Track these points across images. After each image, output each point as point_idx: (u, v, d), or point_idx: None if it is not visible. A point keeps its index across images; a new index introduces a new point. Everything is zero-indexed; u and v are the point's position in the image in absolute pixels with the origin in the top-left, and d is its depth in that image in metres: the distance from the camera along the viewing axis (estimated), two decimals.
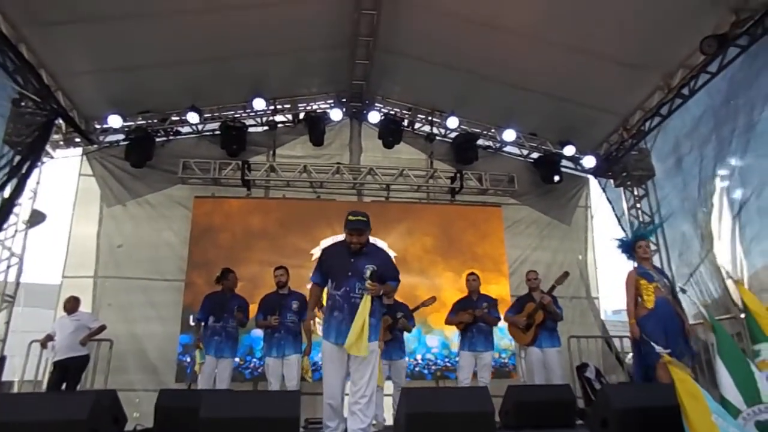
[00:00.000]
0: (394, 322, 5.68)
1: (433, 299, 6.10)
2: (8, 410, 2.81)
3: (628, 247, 4.94)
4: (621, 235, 8.35)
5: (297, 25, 6.82)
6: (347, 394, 3.76)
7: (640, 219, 8.60)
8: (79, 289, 7.12)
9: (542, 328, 5.71)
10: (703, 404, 2.72)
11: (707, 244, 6.78)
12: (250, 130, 8.57)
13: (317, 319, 4.62)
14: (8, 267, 7.23)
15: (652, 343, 3.62)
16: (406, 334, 5.98)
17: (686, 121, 7.04)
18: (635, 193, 8.81)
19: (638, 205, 8.71)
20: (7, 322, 7.08)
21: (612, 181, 8.97)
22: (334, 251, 3.97)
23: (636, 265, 4.83)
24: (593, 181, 9.35)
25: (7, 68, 6.06)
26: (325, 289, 3.96)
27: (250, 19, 6.58)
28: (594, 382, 7.14)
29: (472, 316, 5.77)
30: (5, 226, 6.75)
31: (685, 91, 6.74)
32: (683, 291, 4.48)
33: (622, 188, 8.95)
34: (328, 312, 3.77)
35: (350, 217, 3.81)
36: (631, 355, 8.15)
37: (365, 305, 3.51)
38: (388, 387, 5.83)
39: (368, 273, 3.64)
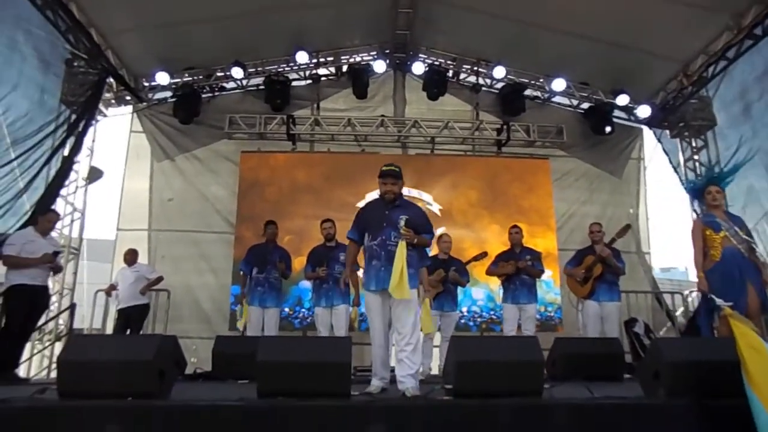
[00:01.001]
0: (446, 275, 5.71)
1: (485, 254, 6.05)
2: (82, 350, 3.02)
3: (698, 192, 4.60)
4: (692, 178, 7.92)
5: None
6: (394, 345, 3.86)
7: (698, 171, 8.19)
8: (134, 242, 7.46)
9: (600, 282, 5.57)
10: (766, 358, 2.63)
11: None
12: (294, 84, 8.57)
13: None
14: (72, 222, 7.63)
15: (712, 297, 3.48)
16: (459, 288, 5.97)
17: (756, 65, 6.54)
18: (693, 144, 8.37)
19: (696, 157, 8.30)
20: (75, 273, 7.53)
21: (668, 131, 8.54)
22: (370, 207, 4.09)
23: (702, 213, 4.55)
24: (647, 132, 8.93)
25: (59, 28, 6.22)
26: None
27: None
28: (642, 338, 7.03)
29: (515, 267, 5.73)
30: (67, 182, 7.08)
31: (758, 30, 6.23)
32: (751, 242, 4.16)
33: (678, 139, 8.52)
34: (366, 263, 3.85)
35: (383, 168, 3.89)
36: (681, 313, 7.99)
37: (401, 251, 3.58)
38: (437, 338, 5.92)
39: (402, 222, 3.70)
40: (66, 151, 6.66)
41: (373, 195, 7.82)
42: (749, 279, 4.04)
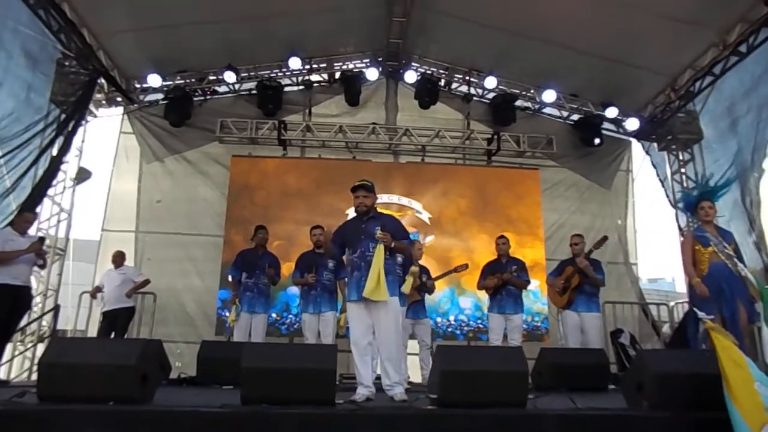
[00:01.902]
0: (422, 284, 5.72)
1: (466, 266, 6.07)
2: (64, 353, 2.99)
3: (691, 206, 4.70)
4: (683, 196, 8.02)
5: None
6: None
7: (685, 184, 8.29)
8: (119, 243, 7.37)
9: (578, 292, 5.62)
10: (746, 372, 2.65)
11: (756, 210, 6.50)
12: (286, 89, 8.57)
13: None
14: (58, 222, 7.55)
15: (694, 309, 3.53)
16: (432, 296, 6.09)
17: (744, 81, 6.64)
18: (680, 157, 8.48)
19: (683, 170, 8.40)
20: (60, 274, 7.44)
21: (656, 144, 8.64)
22: (347, 223, 4.24)
23: (695, 227, 4.63)
24: (636, 145, 9.04)
25: (52, 27, 6.19)
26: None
27: None
28: (628, 348, 7.07)
29: (500, 280, 5.76)
30: (54, 182, 7.01)
31: (743, 48, 6.35)
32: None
33: (666, 152, 8.63)
34: (349, 275, 3.99)
35: (356, 182, 4.07)
36: (667, 325, 8.06)
37: (379, 254, 3.70)
38: (413, 346, 5.93)
39: (378, 230, 3.79)
40: (54, 151, 6.59)
41: None
42: (737, 294, 4.10)
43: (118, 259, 6.70)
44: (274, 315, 7.18)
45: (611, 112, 8.42)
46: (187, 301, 7.78)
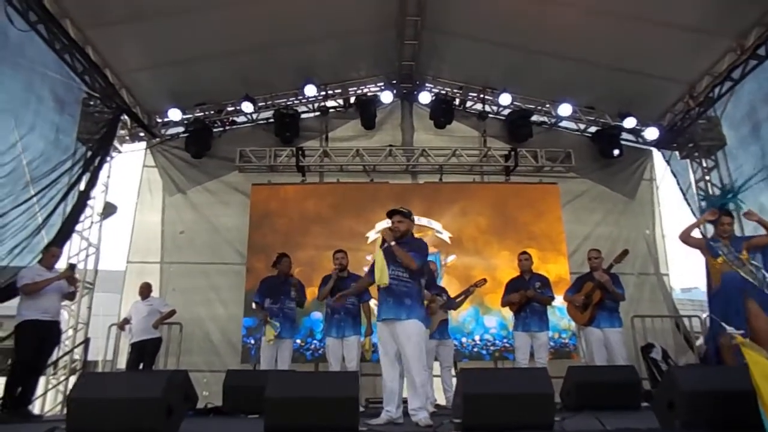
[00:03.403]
0: (447, 300, 5.74)
1: (484, 281, 6.02)
2: (91, 388, 3.05)
3: (713, 222, 4.70)
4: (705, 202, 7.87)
5: (343, 8, 6.84)
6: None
7: (710, 192, 8.11)
8: (144, 274, 7.52)
9: (600, 308, 5.51)
10: None
11: None
12: (303, 116, 8.72)
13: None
14: (87, 256, 7.75)
15: (722, 324, 3.44)
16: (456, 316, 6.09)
17: (763, 85, 6.53)
18: (704, 164, 8.31)
19: (707, 178, 8.23)
20: (89, 308, 7.61)
21: (677, 152, 8.50)
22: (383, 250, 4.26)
23: (711, 237, 4.58)
24: (657, 153, 8.90)
25: (76, 69, 6.44)
26: None
27: (298, 5, 6.65)
28: (660, 363, 6.89)
29: (523, 296, 5.69)
30: (82, 218, 7.22)
31: (762, 51, 6.24)
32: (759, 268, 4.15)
33: (688, 160, 8.47)
34: (380, 297, 4.07)
35: (393, 208, 4.26)
36: (702, 338, 7.82)
37: (377, 243, 4.03)
38: (437, 368, 5.89)
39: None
40: (82, 186, 6.80)
41: (382, 224, 7.91)
42: (754, 298, 4.01)
43: (145, 290, 6.83)
44: (298, 341, 7.18)
45: (629, 123, 8.34)
46: (212, 330, 7.85)
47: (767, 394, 2.57)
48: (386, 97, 8.52)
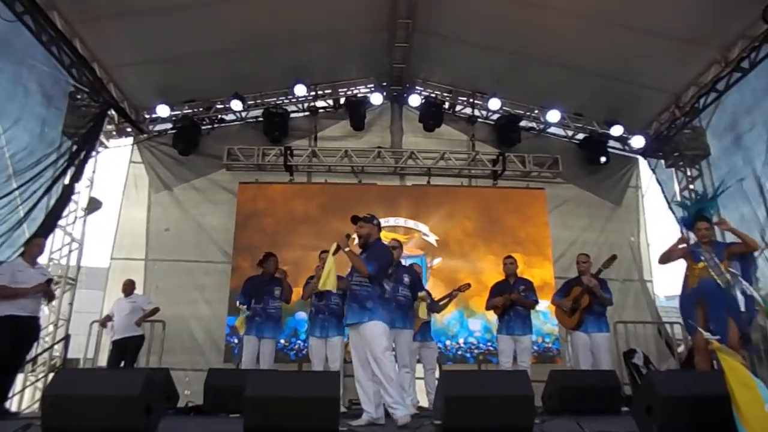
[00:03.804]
0: (431, 303, 5.77)
1: (468, 285, 6.05)
2: (68, 385, 3.01)
3: (689, 225, 4.75)
4: (681, 209, 7.95)
5: (335, 9, 6.84)
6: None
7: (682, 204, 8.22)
8: (128, 271, 7.45)
9: (588, 313, 5.57)
10: (756, 394, 2.59)
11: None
12: (292, 116, 8.71)
13: None
14: (69, 252, 7.65)
15: (700, 329, 3.49)
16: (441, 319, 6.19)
17: (746, 96, 6.64)
18: (688, 173, 8.42)
19: (691, 186, 8.34)
20: (71, 304, 7.50)
21: (663, 161, 8.61)
22: None
23: (693, 242, 4.63)
24: (643, 161, 9.00)
25: (64, 63, 6.37)
26: None
27: (290, 5, 6.64)
28: (642, 369, 6.95)
29: (507, 300, 5.73)
30: (66, 212, 7.13)
31: (745, 64, 6.36)
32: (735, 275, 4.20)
33: (673, 169, 8.59)
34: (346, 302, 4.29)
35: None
36: (683, 345, 7.91)
37: (332, 249, 4.18)
38: (420, 370, 5.91)
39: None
40: (66, 180, 6.71)
41: None
42: (727, 311, 4.05)
43: (128, 287, 6.76)
44: (282, 341, 7.16)
45: (616, 131, 8.43)
46: (195, 329, 7.79)
47: (741, 399, 2.61)
48: (376, 98, 8.53)
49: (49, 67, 6.34)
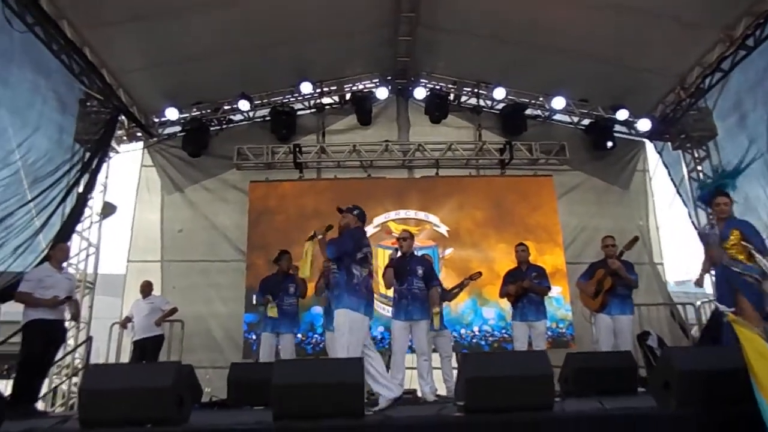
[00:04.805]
0: (442, 292, 5.82)
1: (479, 274, 6.11)
2: (101, 379, 3.11)
3: (707, 200, 4.63)
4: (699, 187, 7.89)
5: (339, 5, 6.89)
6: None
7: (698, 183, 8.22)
8: (144, 273, 7.57)
9: (611, 295, 5.58)
10: None
11: None
12: (299, 113, 8.79)
13: None
14: (87, 256, 7.78)
15: (715, 303, 3.53)
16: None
17: (749, 76, 6.63)
18: (695, 155, 8.42)
19: (699, 168, 8.33)
20: (90, 307, 7.64)
21: (669, 143, 8.61)
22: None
23: (708, 223, 4.61)
24: (650, 145, 9.01)
25: (74, 70, 6.47)
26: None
27: (292, 3, 6.70)
28: (656, 350, 6.97)
29: (520, 287, 5.79)
30: (81, 218, 7.25)
31: (750, 42, 6.34)
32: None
33: (680, 151, 8.58)
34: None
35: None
36: (696, 327, 7.92)
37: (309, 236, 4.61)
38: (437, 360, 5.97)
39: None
40: (81, 188, 6.84)
41: (380, 219, 8.01)
42: (741, 292, 4.03)
43: (146, 288, 6.89)
44: (299, 335, 7.25)
45: (622, 115, 8.44)
46: (213, 327, 7.91)
47: (759, 369, 2.66)
48: (381, 93, 8.59)
49: (63, 74, 6.46)
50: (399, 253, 5.26)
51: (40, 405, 6.02)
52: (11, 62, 5.52)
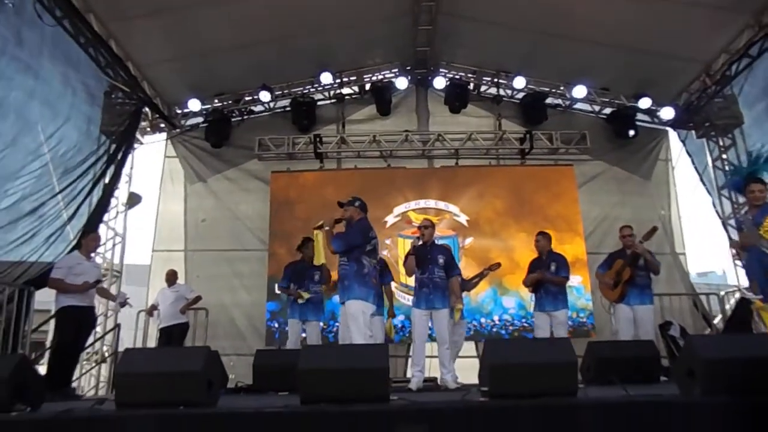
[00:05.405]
0: (462, 282, 5.85)
1: (498, 265, 6.16)
2: (135, 362, 3.21)
3: (740, 187, 4.55)
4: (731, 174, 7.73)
5: None
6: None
7: (727, 171, 8.09)
8: (168, 263, 7.75)
9: (631, 285, 5.55)
10: None
11: None
12: (319, 104, 8.84)
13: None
14: (113, 246, 7.97)
15: (742, 289, 3.51)
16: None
17: None
18: (720, 143, 8.27)
19: (724, 156, 8.20)
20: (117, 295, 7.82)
21: (693, 132, 8.48)
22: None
23: (744, 210, 4.54)
24: (673, 133, 8.88)
25: (100, 63, 6.60)
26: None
27: None
28: (679, 340, 6.92)
29: (534, 279, 5.81)
30: (108, 209, 7.42)
31: None
32: None
33: (704, 139, 8.44)
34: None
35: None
36: (719, 318, 7.84)
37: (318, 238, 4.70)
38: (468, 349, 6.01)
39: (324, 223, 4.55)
40: (107, 179, 6.99)
41: (401, 209, 8.05)
42: None
43: (172, 277, 7.04)
44: (321, 324, 7.35)
45: (644, 103, 8.33)
46: (236, 316, 8.06)
47: None
48: (401, 83, 8.60)
49: (91, 67, 6.60)
50: (420, 242, 5.30)
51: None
52: (42, 55, 5.65)
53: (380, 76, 8.87)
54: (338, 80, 8.67)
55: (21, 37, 5.36)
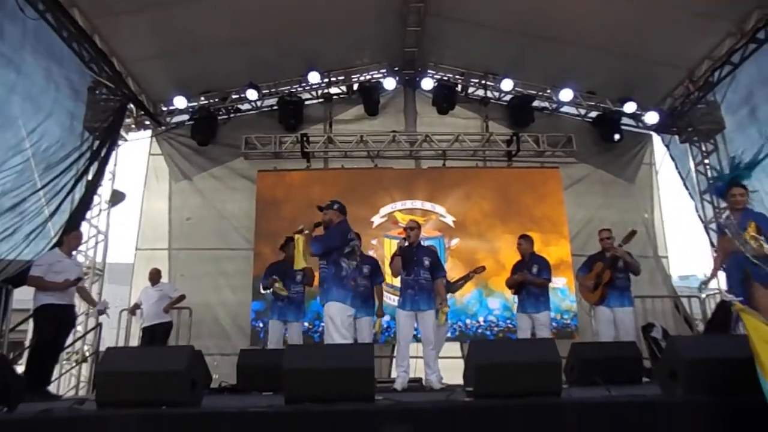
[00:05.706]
0: (447, 284, 5.86)
1: (483, 268, 6.19)
2: (117, 362, 3.16)
3: (723, 194, 4.61)
4: (718, 174, 7.83)
5: None
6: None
7: (709, 176, 8.22)
8: (152, 261, 7.65)
9: (611, 288, 5.59)
10: None
11: None
12: (306, 103, 8.80)
13: None
14: (96, 244, 7.85)
15: (723, 291, 3.57)
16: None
17: (762, 68, 6.61)
18: (703, 148, 8.41)
19: (706, 161, 8.34)
20: (99, 294, 7.70)
21: (677, 137, 8.60)
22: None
23: (724, 218, 4.61)
24: (657, 138, 9.00)
25: (84, 58, 6.50)
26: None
27: None
28: (661, 342, 7.00)
29: (515, 282, 5.87)
30: (90, 206, 7.30)
31: (761, 34, 6.33)
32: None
33: (687, 144, 8.58)
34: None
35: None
36: (700, 320, 7.95)
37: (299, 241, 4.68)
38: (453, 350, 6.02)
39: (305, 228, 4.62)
40: (90, 176, 6.89)
41: (387, 209, 8.05)
42: (757, 281, 4.04)
43: (155, 276, 6.96)
44: (306, 324, 7.31)
45: (629, 108, 8.44)
46: (221, 315, 7.99)
47: (766, 358, 2.69)
48: (389, 83, 8.59)
49: (74, 62, 6.50)
50: (406, 243, 5.29)
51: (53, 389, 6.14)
52: (24, 49, 5.56)
53: (368, 77, 8.86)
54: (326, 80, 8.63)
55: (2, 31, 5.28)
